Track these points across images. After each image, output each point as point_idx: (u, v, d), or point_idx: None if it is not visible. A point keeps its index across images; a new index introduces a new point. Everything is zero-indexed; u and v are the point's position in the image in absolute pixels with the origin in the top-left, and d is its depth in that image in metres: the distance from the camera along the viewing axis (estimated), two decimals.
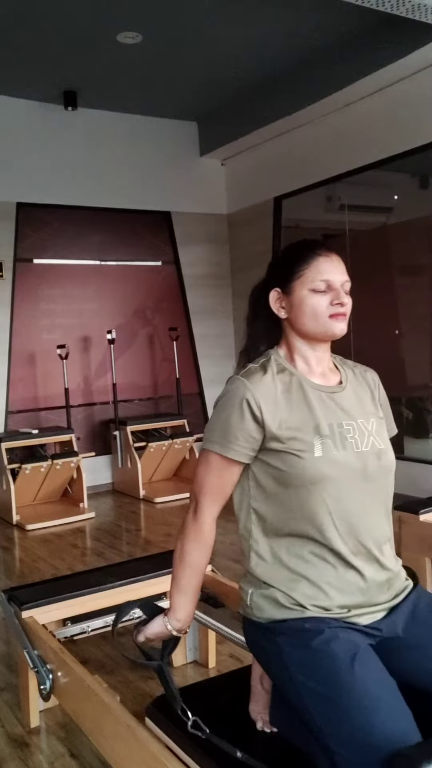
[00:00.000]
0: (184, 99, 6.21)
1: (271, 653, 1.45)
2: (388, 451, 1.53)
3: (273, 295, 1.54)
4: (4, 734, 2.39)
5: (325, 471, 1.42)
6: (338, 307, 1.49)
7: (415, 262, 5.55)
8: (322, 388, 1.52)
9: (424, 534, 3.25)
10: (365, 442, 1.48)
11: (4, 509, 5.38)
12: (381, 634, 1.45)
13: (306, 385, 1.50)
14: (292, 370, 1.52)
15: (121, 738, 1.70)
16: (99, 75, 5.59)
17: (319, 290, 1.49)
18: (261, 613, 1.48)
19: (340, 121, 5.66)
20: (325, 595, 1.43)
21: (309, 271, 1.49)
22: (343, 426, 1.47)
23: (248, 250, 6.86)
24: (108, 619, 2.55)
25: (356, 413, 1.52)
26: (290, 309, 1.52)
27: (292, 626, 1.42)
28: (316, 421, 1.46)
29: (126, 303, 6.64)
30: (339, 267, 1.51)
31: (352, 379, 1.59)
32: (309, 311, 1.49)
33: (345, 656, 1.33)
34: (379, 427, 1.54)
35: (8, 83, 5.66)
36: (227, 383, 1.52)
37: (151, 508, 5.58)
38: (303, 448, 1.43)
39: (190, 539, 1.53)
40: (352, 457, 1.45)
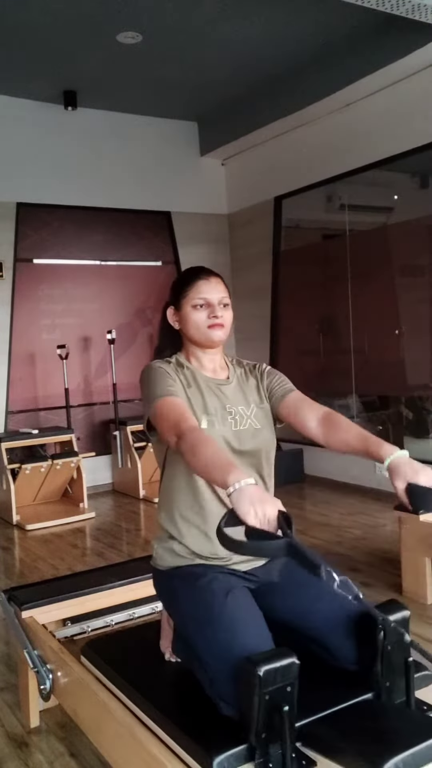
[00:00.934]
0: (184, 99, 6.21)
1: (170, 594, 1.80)
2: (263, 430, 1.84)
3: (169, 311, 1.92)
4: (4, 734, 2.40)
5: None
6: (214, 320, 1.84)
7: (416, 262, 5.55)
8: (211, 381, 1.87)
9: (424, 534, 3.25)
10: (243, 422, 1.82)
11: (4, 509, 5.38)
12: (258, 579, 1.78)
13: (198, 377, 1.86)
14: (189, 365, 1.88)
15: (121, 738, 1.70)
16: (99, 75, 5.59)
17: (199, 306, 1.84)
18: (163, 561, 1.83)
19: (340, 121, 5.66)
20: (210, 543, 1.72)
21: (191, 291, 1.86)
22: (225, 409, 1.82)
23: (248, 250, 6.86)
24: (108, 619, 2.56)
25: (238, 401, 1.85)
26: (181, 322, 1.88)
27: (185, 571, 1.76)
28: (204, 402, 1.81)
29: (126, 303, 6.64)
30: (216, 287, 1.86)
31: (240, 374, 1.93)
32: (192, 324, 1.85)
33: (220, 591, 1.65)
34: (259, 412, 1.86)
35: (8, 83, 5.66)
36: (144, 369, 1.84)
37: (151, 508, 5.58)
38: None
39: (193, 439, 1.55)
40: (229, 433, 1.78)
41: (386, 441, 1.70)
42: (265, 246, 6.63)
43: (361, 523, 4.81)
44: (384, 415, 6.17)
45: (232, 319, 1.90)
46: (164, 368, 1.81)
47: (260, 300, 6.66)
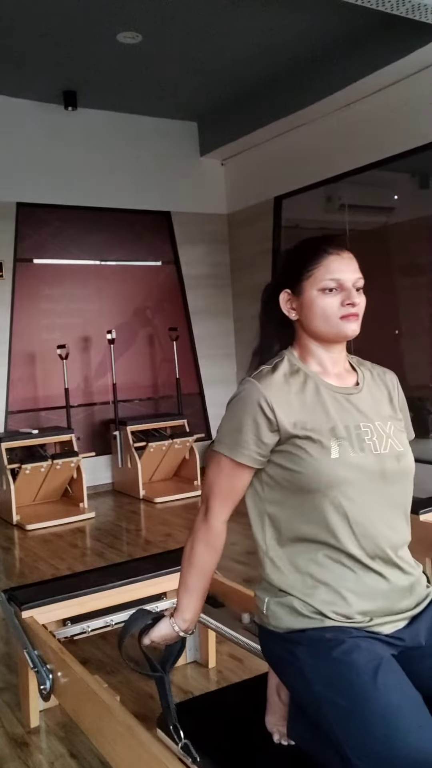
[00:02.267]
0: (184, 99, 6.21)
1: (290, 664, 1.40)
2: (407, 453, 1.49)
3: (283, 296, 1.50)
4: (4, 734, 2.39)
5: (342, 473, 1.38)
6: (349, 308, 1.44)
7: (416, 262, 5.55)
8: (337, 390, 1.48)
9: (424, 534, 3.25)
10: (383, 444, 1.44)
11: (4, 509, 5.38)
12: (404, 643, 1.40)
13: (321, 387, 1.46)
14: (307, 370, 1.48)
15: (121, 738, 1.70)
16: (99, 75, 5.58)
17: (330, 290, 1.44)
18: (278, 622, 1.44)
19: (340, 121, 5.66)
20: (344, 600, 1.38)
21: (318, 270, 1.45)
22: (360, 428, 1.44)
23: (248, 250, 6.86)
24: (108, 619, 2.55)
25: (373, 415, 1.48)
26: (301, 310, 1.48)
27: (312, 636, 1.37)
28: (332, 423, 1.42)
29: (126, 303, 6.64)
30: (350, 265, 1.47)
31: (369, 380, 1.55)
32: (319, 312, 1.45)
33: (367, 667, 1.28)
34: (397, 430, 1.50)
35: (8, 83, 5.66)
36: (240, 384, 1.48)
37: (151, 508, 5.58)
38: (319, 450, 1.39)
39: (200, 541, 1.51)
40: (370, 460, 1.41)
41: None
42: (265, 246, 6.63)
43: None
44: None
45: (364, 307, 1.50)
46: (264, 407, 1.40)
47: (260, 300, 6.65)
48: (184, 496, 5.80)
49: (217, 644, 2.76)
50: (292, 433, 1.40)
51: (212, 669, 2.73)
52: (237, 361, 6.99)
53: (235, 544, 3.73)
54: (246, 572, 3.55)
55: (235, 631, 2.29)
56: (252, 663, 2.62)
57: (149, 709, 2.33)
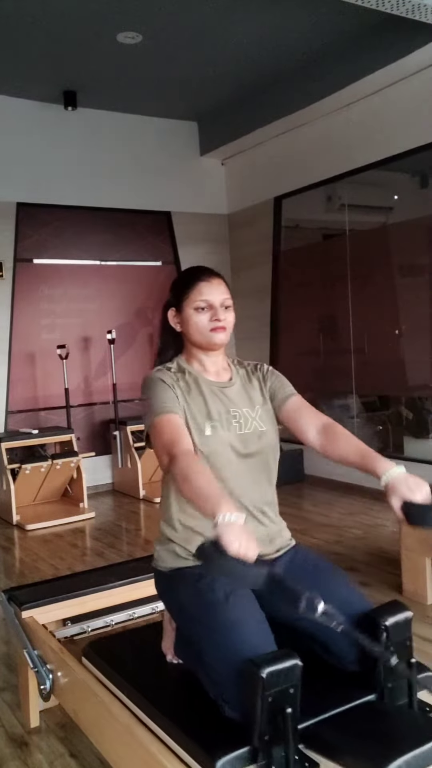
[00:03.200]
0: (184, 99, 6.21)
1: (172, 595, 1.80)
2: (268, 432, 1.84)
3: (170, 313, 1.89)
4: (4, 734, 2.39)
5: (213, 447, 1.74)
6: (216, 322, 1.82)
7: (416, 262, 5.55)
8: (213, 384, 1.85)
9: (424, 534, 3.25)
10: (248, 425, 1.81)
11: (4, 509, 5.38)
12: None
13: (200, 381, 1.84)
14: (191, 369, 1.86)
15: (121, 738, 1.70)
16: (99, 75, 5.58)
17: (201, 308, 1.82)
18: (164, 563, 1.82)
19: (340, 121, 5.66)
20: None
21: (192, 293, 1.83)
22: (229, 413, 1.81)
23: (248, 250, 6.86)
24: (108, 619, 2.55)
25: (242, 403, 1.84)
26: (183, 324, 1.86)
27: (187, 572, 1.74)
28: (208, 408, 1.79)
29: (126, 303, 6.64)
30: (218, 288, 1.84)
31: (243, 376, 1.92)
32: (194, 326, 1.83)
33: (222, 593, 1.62)
34: (263, 413, 1.86)
35: (8, 83, 5.65)
36: (144, 380, 1.83)
37: (151, 508, 5.58)
38: (197, 429, 1.74)
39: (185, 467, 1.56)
40: (234, 437, 1.78)
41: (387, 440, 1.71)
42: (265, 246, 6.63)
43: (361, 522, 4.81)
44: (384, 415, 6.16)
45: (234, 321, 1.88)
46: (164, 379, 1.79)
47: (260, 300, 6.66)
48: None
49: None
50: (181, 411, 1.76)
51: None
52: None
53: None
54: None
55: None
56: None
57: None
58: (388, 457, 1.71)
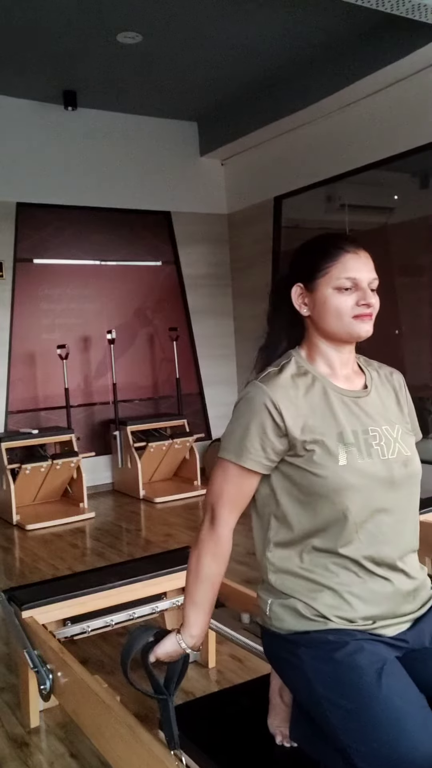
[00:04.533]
0: (184, 99, 6.21)
1: (293, 666, 1.40)
2: (414, 458, 1.46)
3: (296, 290, 1.46)
4: (4, 734, 2.39)
5: (350, 480, 1.36)
6: (364, 308, 1.43)
7: (416, 262, 5.55)
8: (345, 393, 1.44)
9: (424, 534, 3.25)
10: (391, 449, 1.42)
11: (4, 509, 5.38)
12: (408, 645, 1.40)
13: (329, 390, 1.43)
14: (314, 372, 1.45)
15: (121, 738, 1.70)
16: (99, 75, 5.58)
17: (345, 289, 1.42)
18: (281, 623, 1.43)
19: (340, 121, 5.66)
20: (348, 605, 1.37)
21: (335, 268, 1.42)
22: (368, 432, 1.41)
23: (248, 250, 6.86)
24: (108, 619, 2.55)
25: (381, 419, 1.45)
26: (313, 307, 1.44)
27: (315, 638, 1.37)
28: (339, 428, 1.39)
29: (126, 303, 6.64)
30: (367, 264, 1.45)
31: (377, 382, 1.53)
32: (333, 311, 1.42)
33: (370, 669, 1.28)
34: (404, 433, 1.47)
35: (8, 83, 5.65)
36: (245, 387, 1.45)
37: (151, 508, 5.58)
38: (326, 457, 1.37)
39: (208, 551, 1.45)
40: (378, 466, 1.39)
41: None
42: (265, 246, 6.63)
43: None
44: None
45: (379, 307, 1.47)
46: (276, 403, 1.38)
47: (260, 300, 6.62)
48: (184, 496, 5.80)
49: (217, 644, 2.76)
50: (299, 438, 1.38)
51: (212, 669, 2.73)
52: (237, 361, 6.99)
53: (237, 545, 3.69)
54: (246, 573, 3.55)
55: (235, 631, 2.29)
56: (252, 663, 2.62)
57: (149, 709, 2.32)
58: None
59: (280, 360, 1.48)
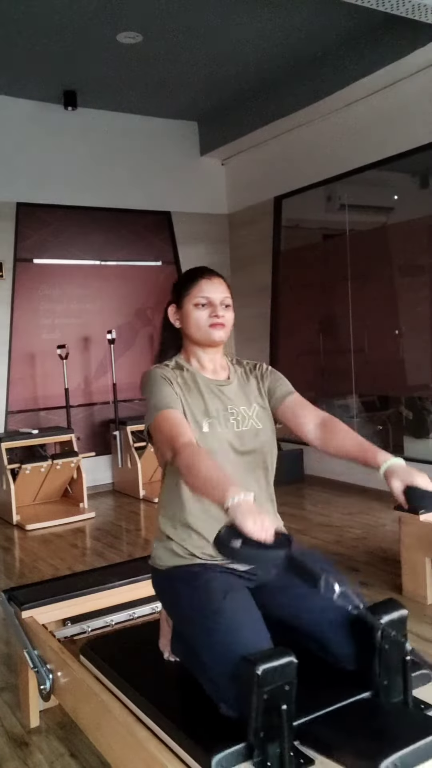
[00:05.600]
0: (184, 99, 6.21)
1: (169, 593, 1.81)
2: (266, 430, 1.86)
3: (171, 309, 1.92)
4: (4, 734, 2.40)
5: (210, 444, 1.75)
6: (215, 319, 1.84)
7: (416, 262, 5.55)
8: (211, 382, 1.86)
9: (424, 534, 3.26)
10: (245, 423, 1.83)
11: (4, 509, 5.39)
12: (256, 578, 1.75)
13: (199, 379, 1.86)
14: (189, 367, 1.88)
15: (121, 738, 1.70)
16: (99, 75, 5.59)
17: (201, 305, 1.84)
18: (162, 561, 1.82)
19: (340, 121, 5.66)
20: (210, 544, 1.69)
21: (193, 289, 1.86)
22: (227, 410, 1.82)
23: (248, 250, 6.87)
24: (108, 619, 2.55)
25: (240, 401, 1.86)
26: (182, 320, 1.88)
27: (183, 571, 1.76)
28: (206, 406, 1.81)
29: (126, 303, 6.64)
30: (219, 287, 1.87)
31: (241, 374, 1.94)
32: (193, 322, 1.85)
33: (219, 591, 1.63)
34: (261, 412, 1.87)
35: (8, 83, 5.66)
36: (143, 377, 1.84)
37: (151, 508, 5.58)
38: (195, 426, 1.75)
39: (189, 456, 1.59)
40: (231, 434, 1.79)
41: (387, 440, 1.72)
42: (265, 246, 6.63)
43: (361, 522, 4.81)
44: (384, 415, 6.16)
45: (233, 320, 1.90)
46: (164, 375, 1.81)
47: (260, 300, 6.67)
48: None
49: None
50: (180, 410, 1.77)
51: None
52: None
53: None
54: None
55: None
56: None
57: None
58: None
59: (166, 361, 1.91)
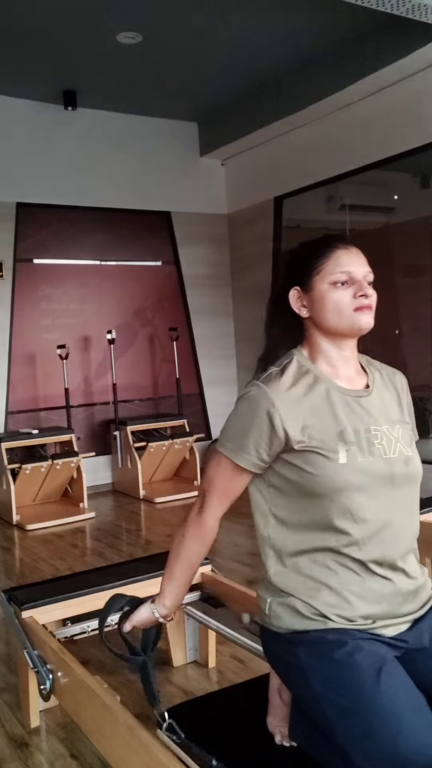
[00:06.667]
0: (184, 99, 6.21)
1: (292, 665, 1.40)
2: (415, 458, 1.46)
3: (293, 294, 1.47)
4: (4, 734, 2.39)
5: (350, 479, 1.36)
6: (362, 300, 1.44)
7: (416, 262, 5.55)
8: (347, 392, 1.45)
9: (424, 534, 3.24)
10: (393, 448, 1.42)
11: (4, 509, 5.38)
12: (407, 645, 1.40)
13: (331, 389, 1.44)
14: (316, 372, 1.45)
15: (122, 738, 1.70)
16: (99, 75, 5.58)
17: (341, 283, 1.43)
18: (280, 622, 1.42)
19: (340, 121, 5.66)
20: (348, 604, 1.37)
21: (328, 264, 1.43)
22: (369, 432, 1.41)
23: (248, 250, 6.86)
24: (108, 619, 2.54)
25: (382, 419, 1.45)
26: (312, 306, 1.45)
27: (314, 637, 1.36)
28: (340, 427, 1.39)
29: (126, 303, 6.64)
30: (359, 259, 1.47)
31: (379, 382, 1.53)
32: (332, 306, 1.43)
33: (370, 668, 1.28)
34: (405, 434, 1.47)
35: (8, 83, 5.65)
36: (247, 386, 1.46)
37: (151, 508, 5.58)
38: (327, 455, 1.37)
39: (192, 534, 1.53)
40: (379, 464, 1.39)
41: None
42: (265, 246, 6.62)
43: None
44: None
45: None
46: (276, 406, 1.38)
47: (260, 300, 6.59)
48: (184, 496, 5.80)
49: (218, 645, 2.76)
50: (300, 438, 1.38)
51: (212, 669, 2.72)
52: (237, 362, 6.98)
53: (239, 545, 3.72)
54: (249, 573, 3.55)
55: (235, 631, 2.29)
56: (253, 664, 2.61)
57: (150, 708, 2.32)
58: None
59: (282, 360, 1.48)
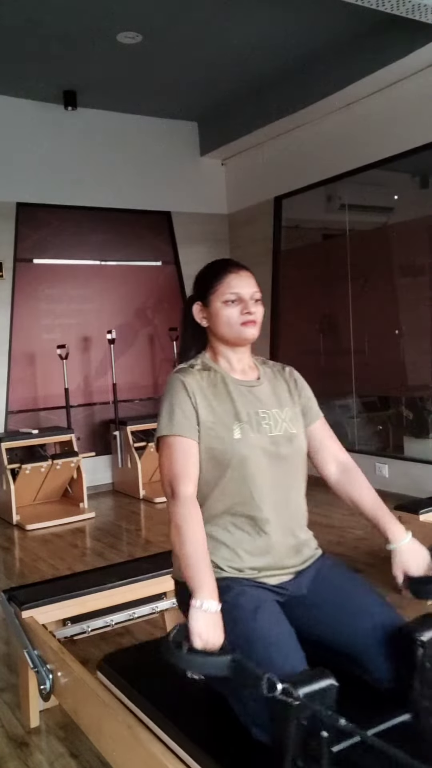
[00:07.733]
0: (184, 99, 6.21)
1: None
2: (299, 435, 1.77)
3: (195, 307, 1.80)
4: (4, 734, 2.39)
5: (243, 451, 1.66)
6: (247, 316, 1.74)
7: (416, 262, 5.55)
8: (241, 383, 1.77)
9: (424, 534, 3.25)
10: (278, 427, 1.73)
11: (4, 509, 5.38)
12: (288, 592, 1.69)
13: (228, 380, 1.76)
14: (216, 368, 1.78)
15: (121, 738, 1.70)
16: (99, 75, 5.58)
17: (231, 302, 1.74)
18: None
19: (340, 121, 5.66)
20: (239, 558, 1.67)
21: (221, 286, 1.75)
22: (258, 414, 1.73)
23: (248, 250, 6.86)
24: (108, 619, 2.55)
25: (271, 404, 1.76)
26: (210, 318, 1.78)
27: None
28: (236, 410, 1.71)
29: (126, 303, 6.64)
30: (248, 281, 1.76)
31: (270, 375, 1.85)
32: (224, 320, 1.75)
33: (249, 607, 1.56)
34: (293, 416, 1.78)
35: (8, 83, 5.65)
36: (167, 381, 1.76)
37: (151, 508, 5.58)
38: (225, 431, 1.67)
39: (182, 518, 1.61)
40: (265, 440, 1.70)
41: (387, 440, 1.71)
42: (265, 246, 6.63)
43: (363, 523, 4.78)
44: (384, 415, 6.16)
45: (263, 314, 1.79)
46: (186, 384, 1.70)
47: None
48: None
49: None
50: (206, 417, 1.68)
51: None
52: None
53: None
54: None
55: None
56: None
57: None
58: (389, 456, 1.72)
59: (192, 360, 1.82)
